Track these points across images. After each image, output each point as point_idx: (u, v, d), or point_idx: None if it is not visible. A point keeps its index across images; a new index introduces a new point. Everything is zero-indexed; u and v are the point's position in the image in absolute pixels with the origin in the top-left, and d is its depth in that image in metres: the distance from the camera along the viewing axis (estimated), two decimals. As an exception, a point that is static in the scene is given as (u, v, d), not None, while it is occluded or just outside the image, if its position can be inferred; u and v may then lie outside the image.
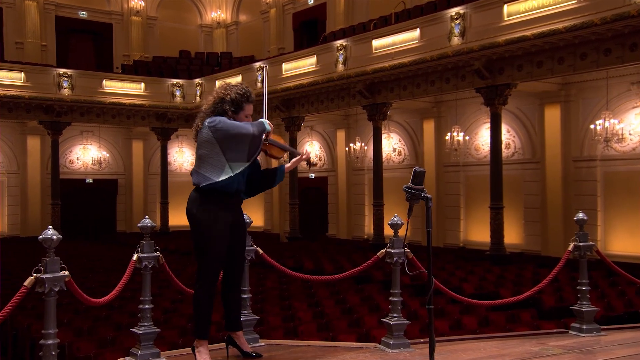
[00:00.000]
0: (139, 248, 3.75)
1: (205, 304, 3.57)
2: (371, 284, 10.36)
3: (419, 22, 14.31)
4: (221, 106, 3.65)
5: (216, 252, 3.55)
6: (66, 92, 19.51)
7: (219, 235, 3.54)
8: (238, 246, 3.71)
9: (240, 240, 3.72)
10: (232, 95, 3.66)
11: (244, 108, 3.67)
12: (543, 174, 14.54)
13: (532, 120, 14.99)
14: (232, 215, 3.64)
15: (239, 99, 3.66)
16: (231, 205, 3.63)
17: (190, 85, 21.81)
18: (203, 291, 3.57)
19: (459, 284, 10.10)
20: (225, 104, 3.66)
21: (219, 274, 3.64)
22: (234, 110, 3.65)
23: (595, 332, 4.64)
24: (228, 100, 3.66)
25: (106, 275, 11.57)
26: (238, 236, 3.69)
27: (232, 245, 3.66)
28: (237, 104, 3.66)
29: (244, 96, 3.68)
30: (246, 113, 3.69)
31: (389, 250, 4.02)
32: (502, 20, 12.44)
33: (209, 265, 3.55)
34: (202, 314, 3.57)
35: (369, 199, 18.68)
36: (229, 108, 3.64)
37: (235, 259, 3.71)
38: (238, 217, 3.70)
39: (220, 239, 3.55)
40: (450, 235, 16.82)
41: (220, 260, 3.60)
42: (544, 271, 10.98)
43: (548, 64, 12.14)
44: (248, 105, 3.70)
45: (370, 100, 15.96)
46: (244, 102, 3.67)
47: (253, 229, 16.67)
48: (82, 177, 22.72)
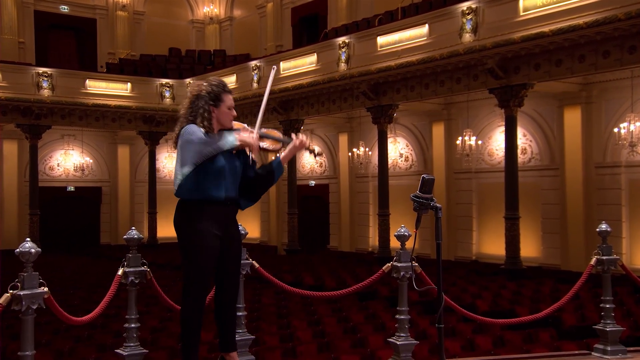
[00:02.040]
0: (125, 262, 3.75)
1: (194, 322, 3.57)
2: (376, 301, 10.34)
3: (428, 18, 14.33)
4: (198, 103, 3.64)
5: (204, 267, 3.54)
6: (46, 93, 19.54)
7: (206, 248, 3.53)
8: (230, 260, 3.70)
9: (232, 253, 3.71)
10: (207, 88, 3.66)
11: (223, 99, 3.66)
12: (562, 182, 14.53)
13: (551, 123, 14.99)
14: (223, 226, 3.62)
15: (216, 89, 3.66)
16: (221, 215, 3.61)
17: (180, 86, 21.84)
18: (190, 308, 3.57)
19: (472, 300, 10.07)
20: (201, 99, 3.65)
21: (207, 290, 3.64)
22: (213, 104, 3.64)
23: (621, 354, 4.62)
24: (204, 94, 3.65)
25: (89, 291, 11.54)
26: (230, 249, 3.68)
27: (223, 259, 3.65)
28: (215, 96, 3.65)
29: (220, 86, 3.68)
30: (227, 105, 3.67)
31: (395, 264, 4.01)
32: (518, 16, 12.47)
33: (196, 281, 3.55)
34: (190, 333, 3.57)
35: (373, 209, 18.67)
36: (208, 102, 3.63)
37: (227, 274, 3.70)
38: (230, 228, 3.68)
39: (208, 252, 3.54)
40: (461, 247, 16.79)
41: (209, 275, 3.59)
42: (564, 287, 10.94)
43: (568, 63, 12.15)
44: (226, 95, 3.68)
45: (374, 102, 15.97)
46: (221, 92, 3.66)
47: (248, 241, 16.68)
48: (63, 184, 22.73)
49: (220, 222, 3.60)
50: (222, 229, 3.61)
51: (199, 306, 3.57)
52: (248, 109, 19.33)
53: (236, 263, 3.75)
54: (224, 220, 3.63)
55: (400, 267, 3.98)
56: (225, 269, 3.68)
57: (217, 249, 3.59)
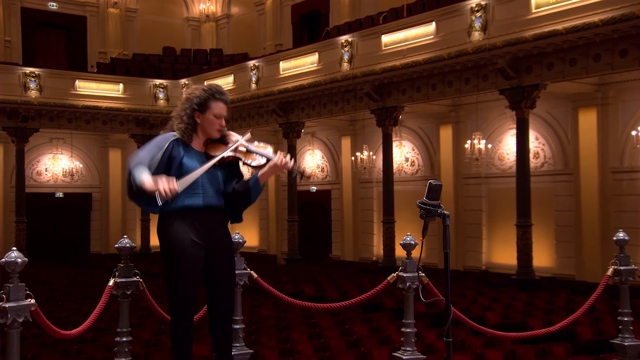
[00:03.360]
0: (116, 272, 3.74)
1: (183, 335, 3.57)
2: (381, 313, 10.32)
3: (435, 15, 14.36)
4: (184, 106, 3.70)
5: (186, 277, 3.55)
6: (33, 94, 19.58)
7: (187, 257, 3.54)
8: (219, 271, 3.68)
9: (222, 263, 3.69)
10: (197, 93, 3.70)
11: (210, 106, 3.67)
12: (577, 187, 14.52)
13: (564, 125, 14.99)
14: (206, 235, 3.62)
15: (203, 95, 3.68)
16: (202, 222, 3.62)
17: (175, 87, 21.88)
18: (176, 323, 3.59)
19: (482, 312, 10.05)
20: (188, 102, 3.70)
21: (194, 301, 3.65)
22: (197, 109, 3.68)
23: (639, 369, 4.61)
24: (194, 99, 3.69)
25: (78, 303, 11.51)
26: (218, 259, 3.68)
27: (210, 270, 3.65)
28: (201, 101, 3.67)
29: (209, 92, 3.70)
30: (215, 113, 3.68)
31: (401, 275, 4.01)
32: (530, 13, 12.49)
33: (180, 292, 3.56)
34: (181, 347, 3.58)
35: (378, 216, 18.66)
36: (192, 106, 3.68)
37: (217, 286, 3.69)
38: (216, 236, 3.67)
39: (190, 261, 3.55)
40: (471, 257, 16.78)
41: (193, 285, 3.59)
42: (579, 299, 10.92)
43: (582, 62, 12.16)
44: (215, 102, 3.68)
45: (379, 104, 15.99)
46: (209, 98, 3.68)
47: (246, 250, 16.63)
48: (52, 190, 22.75)
49: (201, 230, 3.60)
50: (204, 238, 3.61)
51: (187, 318, 3.59)
52: (246, 111, 19.36)
53: (226, 272, 3.73)
54: (205, 228, 3.62)
55: (406, 278, 3.97)
56: (213, 279, 3.68)
57: (200, 258, 3.59)
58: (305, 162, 21.41)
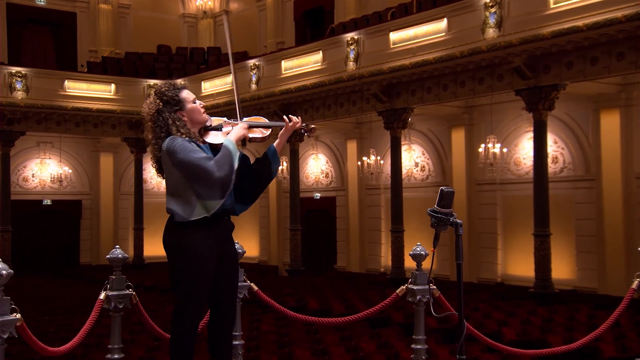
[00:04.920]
0: (108, 284, 3.75)
1: (185, 352, 3.56)
2: (389, 328, 10.32)
3: (446, 11, 14.37)
4: (161, 118, 3.64)
5: (201, 292, 3.54)
6: (19, 95, 19.63)
7: (204, 271, 3.53)
8: (226, 282, 3.69)
9: (229, 274, 3.70)
10: (161, 98, 3.68)
11: (183, 98, 3.70)
12: (599, 194, 14.49)
13: (585, 128, 14.97)
14: (220, 243, 3.62)
15: (170, 94, 3.69)
16: (219, 230, 3.62)
17: (170, 87, 21.90)
18: (182, 338, 3.56)
19: (497, 328, 10.05)
20: (163, 112, 3.66)
21: (201, 317, 3.64)
22: (178, 108, 3.67)
23: (666, 389, 4.59)
24: (162, 106, 3.67)
25: (67, 318, 11.54)
26: (227, 269, 3.68)
27: (219, 281, 3.64)
28: (174, 100, 3.68)
29: (170, 88, 3.72)
30: (190, 100, 3.72)
31: (410, 287, 4.01)
32: (548, 8, 12.49)
33: (190, 308, 3.54)
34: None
35: (386, 224, 18.64)
36: (172, 110, 3.66)
37: (222, 298, 3.69)
38: (226, 245, 3.68)
39: (206, 275, 3.54)
40: (485, 268, 16.75)
41: (205, 299, 3.59)
42: (602, 313, 10.92)
43: (604, 61, 12.15)
44: (183, 92, 3.73)
45: (387, 105, 16.00)
46: (177, 93, 3.71)
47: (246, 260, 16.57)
48: (39, 197, 22.79)
49: (217, 239, 3.60)
50: (219, 248, 3.61)
51: (191, 335, 3.57)
52: (245, 113, 19.29)
53: (234, 285, 3.74)
54: (221, 238, 3.62)
55: (417, 290, 3.97)
56: (221, 293, 3.67)
57: (213, 270, 3.59)
58: (308, 167, 21.42)
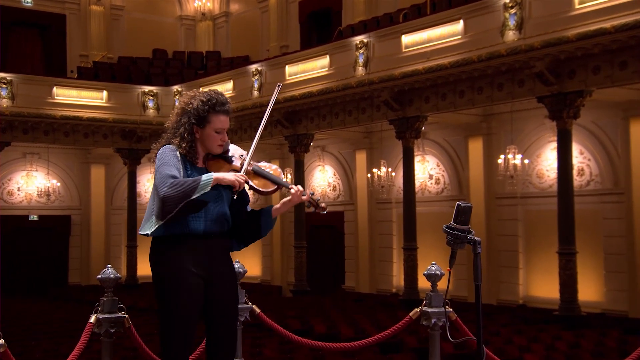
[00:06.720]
0: (98, 306, 3.75)
1: None
2: (402, 354, 10.28)
3: (462, 12, 14.40)
4: (182, 120, 3.67)
5: (183, 313, 3.56)
6: (5, 103, 19.70)
7: (185, 290, 3.55)
8: (220, 304, 3.70)
9: (222, 297, 3.70)
10: (194, 104, 3.67)
11: (210, 120, 3.66)
12: (629, 209, 14.45)
13: (614, 138, 14.95)
14: (207, 265, 3.64)
15: (202, 107, 3.66)
16: (201, 250, 3.63)
17: (166, 94, 21.98)
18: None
19: (519, 354, 10.02)
20: (186, 115, 3.67)
21: (188, 342, 3.65)
22: (196, 124, 3.66)
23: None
24: (190, 110, 3.67)
25: (55, 342, 11.51)
26: (219, 292, 3.68)
27: (210, 304, 3.65)
28: (200, 115, 3.66)
29: (208, 104, 3.67)
30: (215, 127, 3.67)
31: (425, 309, 4.00)
32: (573, 9, 12.49)
33: (174, 330, 3.57)
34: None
35: (398, 241, 18.61)
36: (191, 121, 3.65)
37: (218, 322, 3.69)
38: (217, 266, 3.69)
39: (188, 294, 3.56)
40: (505, 289, 16.69)
41: (190, 322, 3.60)
42: (633, 339, 10.87)
43: (634, 65, 12.13)
44: (216, 115, 3.67)
45: (399, 113, 16.01)
46: (209, 111, 3.66)
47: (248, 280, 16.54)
48: (25, 213, 22.85)
49: (200, 258, 3.62)
50: (203, 267, 3.62)
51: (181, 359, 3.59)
52: (247, 121, 19.42)
53: (228, 308, 3.74)
54: (205, 257, 3.64)
55: (431, 313, 3.96)
56: (213, 315, 3.69)
57: (199, 291, 3.61)
58: (314, 179, 21.41)
